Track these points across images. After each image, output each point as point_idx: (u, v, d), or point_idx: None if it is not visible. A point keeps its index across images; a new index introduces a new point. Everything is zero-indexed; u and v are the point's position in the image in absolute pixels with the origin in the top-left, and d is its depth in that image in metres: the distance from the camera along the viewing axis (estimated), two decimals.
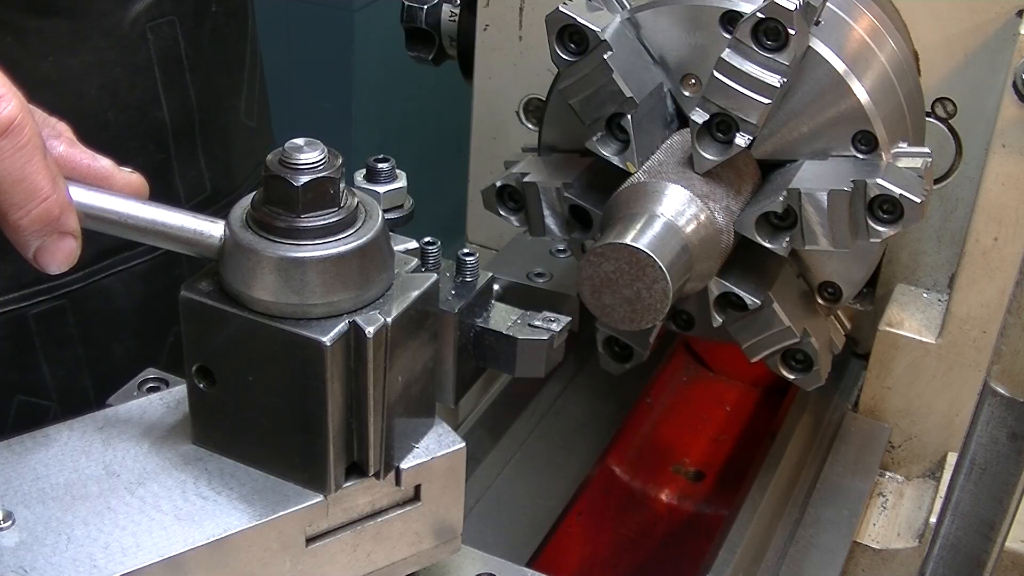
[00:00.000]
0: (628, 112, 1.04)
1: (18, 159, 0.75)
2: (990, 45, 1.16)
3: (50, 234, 0.78)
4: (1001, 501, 0.79)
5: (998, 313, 1.19)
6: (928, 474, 1.29)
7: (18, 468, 0.83)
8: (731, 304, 1.09)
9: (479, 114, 1.41)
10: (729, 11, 1.04)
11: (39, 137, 0.76)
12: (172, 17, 1.34)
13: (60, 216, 0.78)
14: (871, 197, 0.99)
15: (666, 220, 0.98)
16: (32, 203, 0.76)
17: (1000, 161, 1.15)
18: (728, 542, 1.11)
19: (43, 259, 0.79)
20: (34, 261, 0.79)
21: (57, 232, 0.78)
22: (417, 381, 0.85)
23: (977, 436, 0.78)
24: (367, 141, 2.98)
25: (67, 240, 0.79)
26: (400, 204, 0.95)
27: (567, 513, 1.25)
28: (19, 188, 0.75)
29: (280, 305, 0.78)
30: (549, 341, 0.95)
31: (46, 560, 0.76)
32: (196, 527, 0.80)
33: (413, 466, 0.86)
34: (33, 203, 0.76)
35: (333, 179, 0.79)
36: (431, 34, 1.44)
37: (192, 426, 0.86)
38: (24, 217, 0.76)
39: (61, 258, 0.79)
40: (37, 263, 0.79)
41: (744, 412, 1.48)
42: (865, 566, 1.23)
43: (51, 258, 0.79)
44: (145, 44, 1.31)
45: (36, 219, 0.77)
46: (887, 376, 1.27)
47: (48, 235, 0.78)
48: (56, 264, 0.79)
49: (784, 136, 1.05)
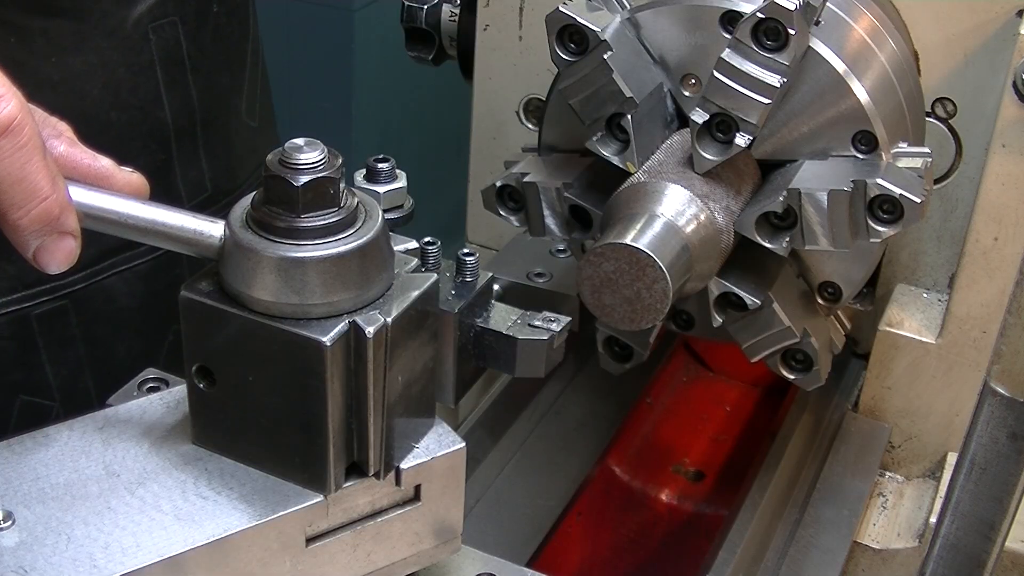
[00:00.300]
0: (628, 112, 1.04)
1: (18, 159, 0.75)
2: (990, 45, 1.16)
3: (50, 234, 0.78)
4: (1001, 501, 0.79)
5: (998, 313, 1.19)
6: (928, 474, 1.29)
7: (18, 468, 0.83)
8: (731, 304, 1.09)
9: (479, 114, 1.41)
10: (729, 11, 1.04)
11: (39, 137, 0.76)
12: (174, 18, 1.34)
13: (60, 216, 0.78)
14: (871, 197, 0.99)
15: (666, 220, 0.98)
16: (32, 203, 0.76)
17: (1000, 161, 1.15)
18: (728, 542, 1.11)
19: (43, 259, 0.79)
20: (34, 261, 0.79)
21: (57, 232, 0.78)
22: (417, 381, 0.85)
23: (977, 436, 0.78)
24: (367, 141, 2.98)
25: (67, 240, 0.79)
26: (400, 204, 0.95)
27: (567, 513, 1.25)
28: (19, 188, 0.75)
29: (280, 305, 0.78)
30: (549, 341, 0.95)
31: (46, 560, 0.76)
32: (196, 527, 0.80)
33: (413, 466, 0.86)
34: (33, 203, 0.76)
35: (333, 179, 0.79)
36: (431, 34, 1.44)
37: (192, 426, 0.86)
38: (24, 217, 0.76)
39: (61, 258, 0.79)
40: (37, 263, 0.79)
41: (744, 412, 1.48)
42: (865, 566, 1.23)
43: (51, 258, 0.79)
44: (147, 44, 1.32)
45: (36, 219, 0.77)
46: (887, 376, 1.27)
47: (48, 235, 0.78)
48: (56, 264, 0.79)
49: (784, 136, 1.05)
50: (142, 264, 1.39)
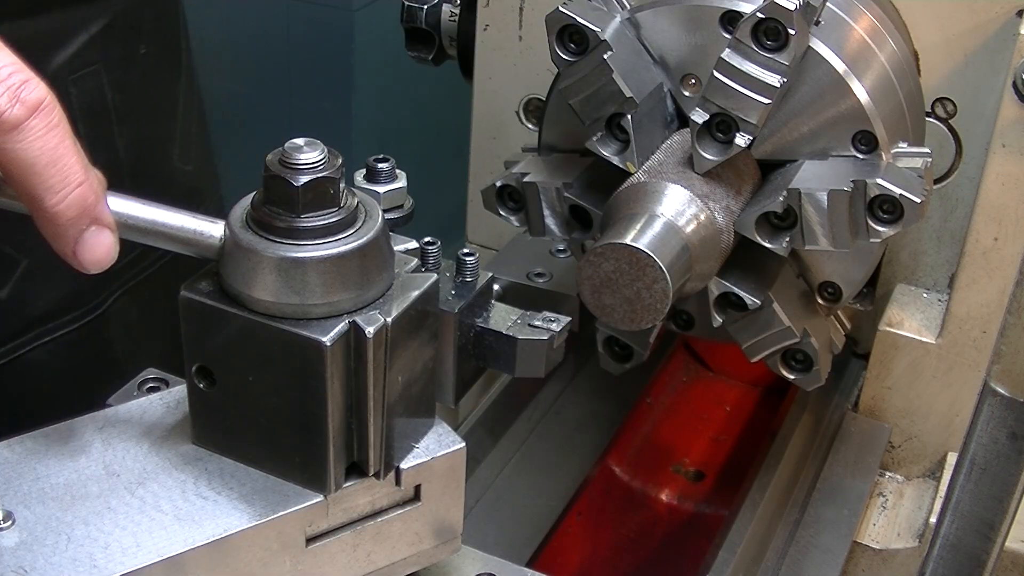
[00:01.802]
0: (628, 112, 1.04)
1: (51, 138, 0.73)
2: (990, 45, 1.16)
3: (88, 225, 0.75)
4: (1001, 501, 0.79)
5: (998, 313, 1.19)
6: (928, 474, 1.29)
7: (18, 468, 0.83)
8: (731, 304, 1.09)
9: (479, 114, 1.41)
10: (729, 11, 1.04)
11: (67, 121, 0.74)
12: (98, 66, 1.27)
13: (96, 205, 0.75)
14: (871, 197, 0.99)
15: (666, 220, 0.98)
16: (68, 187, 0.73)
17: (1000, 161, 1.15)
18: (728, 542, 1.11)
19: (83, 255, 0.76)
20: (74, 259, 0.76)
21: (95, 223, 0.75)
22: (417, 381, 0.85)
23: (977, 436, 0.78)
24: (367, 141, 2.97)
25: (105, 233, 0.76)
26: (400, 204, 0.95)
27: (567, 513, 1.25)
28: (53, 170, 0.73)
29: (280, 305, 0.78)
30: (549, 341, 0.95)
31: (46, 560, 0.76)
32: (196, 527, 0.80)
33: (413, 466, 0.86)
34: (69, 187, 0.74)
35: (333, 179, 0.79)
36: (431, 34, 1.44)
37: (192, 426, 0.86)
38: (61, 202, 0.74)
39: (101, 253, 0.76)
40: (78, 261, 0.76)
41: (744, 412, 1.48)
42: (865, 566, 1.23)
43: (91, 254, 0.76)
44: (67, 99, 1.21)
45: (73, 204, 0.74)
46: (887, 376, 1.27)
47: (86, 227, 0.75)
48: (95, 261, 0.76)
49: (784, 136, 1.05)
50: (67, 335, 1.31)
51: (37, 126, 0.72)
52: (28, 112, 0.72)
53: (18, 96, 0.72)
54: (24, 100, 0.72)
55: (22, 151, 0.72)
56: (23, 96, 0.72)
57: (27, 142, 0.72)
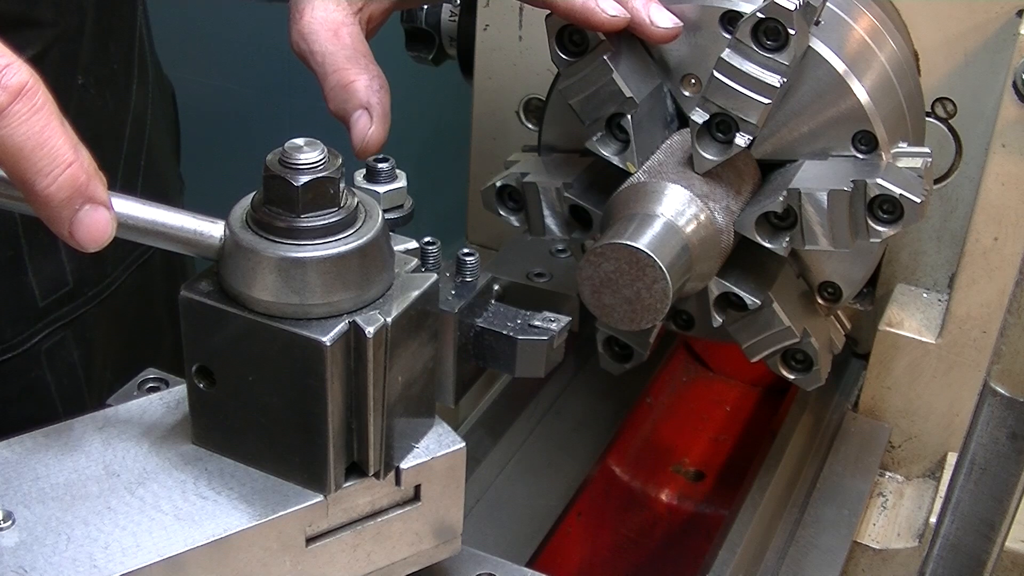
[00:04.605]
0: (628, 112, 1.04)
1: (36, 122, 0.72)
2: (990, 45, 1.16)
3: (82, 205, 0.74)
4: (1001, 501, 0.79)
5: (998, 313, 1.19)
6: (928, 474, 1.29)
7: (18, 468, 0.83)
8: (731, 304, 1.09)
9: (479, 114, 1.41)
10: (729, 11, 1.04)
11: (53, 103, 0.73)
12: None
13: (88, 184, 0.74)
14: (871, 197, 0.99)
15: (666, 220, 0.98)
16: (56, 168, 0.73)
17: (1000, 161, 1.15)
18: (728, 542, 1.11)
19: (79, 235, 0.75)
20: (71, 239, 0.75)
21: (88, 202, 0.75)
22: (417, 381, 0.85)
23: (977, 436, 0.78)
24: None
25: (100, 211, 0.75)
26: (400, 204, 0.95)
27: (567, 513, 1.25)
28: (40, 153, 0.72)
29: (280, 305, 0.78)
30: (549, 341, 0.95)
31: (46, 560, 0.76)
32: (196, 527, 0.80)
33: (413, 466, 0.86)
34: (58, 168, 0.73)
35: (333, 179, 0.79)
36: (431, 34, 1.44)
37: (192, 426, 0.86)
38: (51, 184, 0.73)
39: (97, 232, 0.75)
40: (75, 240, 0.75)
41: (744, 412, 1.48)
42: (865, 566, 1.23)
43: (87, 233, 0.75)
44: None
45: (64, 185, 0.73)
46: (887, 376, 1.27)
47: (80, 206, 0.74)
48: (92, 239, 0.76)
49: (784, 136, 1.05)
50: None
51: (20, 110, 0.72)
52: (11, 97, 0.71)
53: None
54: (6, 85, 0.71)
55: (7, 136, 0.72)
56: (4, 81, 0.71)
57: (12, 127, 0.71)
